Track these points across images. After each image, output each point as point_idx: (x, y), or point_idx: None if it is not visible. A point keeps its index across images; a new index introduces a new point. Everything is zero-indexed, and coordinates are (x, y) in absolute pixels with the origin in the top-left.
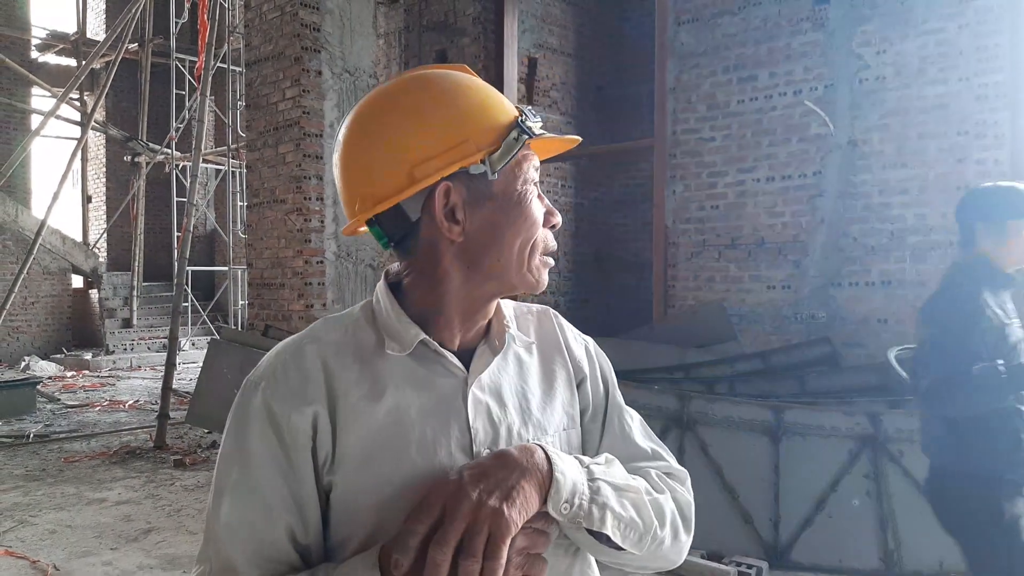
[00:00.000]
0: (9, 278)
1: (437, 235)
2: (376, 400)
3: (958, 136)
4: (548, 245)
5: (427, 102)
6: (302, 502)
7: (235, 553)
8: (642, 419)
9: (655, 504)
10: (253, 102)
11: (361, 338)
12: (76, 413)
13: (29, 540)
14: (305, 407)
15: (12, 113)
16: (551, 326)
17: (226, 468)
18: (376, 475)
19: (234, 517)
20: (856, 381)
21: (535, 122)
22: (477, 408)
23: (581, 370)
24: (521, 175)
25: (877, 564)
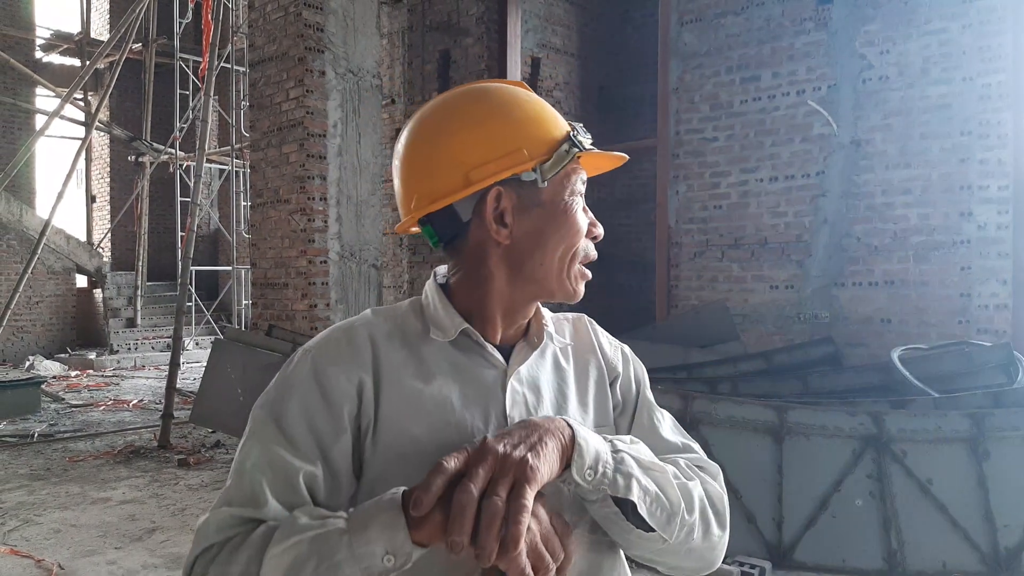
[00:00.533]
0: (14, 278)
1: (485, 237)
2: (419, 380)
3: (961, 136)
4: (588, 255)
5: (485, 111)
6: (329, 460)
7: (261, 487)
8: (674, 419)
9: (683, 488)
10: (257, 102)
11: (408, 326)
12: (80, 412)
13: (34, 539)
14: (353, 373)
15: (16, 113)
16: (586, 330)
17: (262, 419)
18: (413, 448)
19: (262, 460)
20: (859, 381)
21: (585, 137)
22: (515, 399)
23: (615, 369)
24: (569, 186)
25: (880, 564)
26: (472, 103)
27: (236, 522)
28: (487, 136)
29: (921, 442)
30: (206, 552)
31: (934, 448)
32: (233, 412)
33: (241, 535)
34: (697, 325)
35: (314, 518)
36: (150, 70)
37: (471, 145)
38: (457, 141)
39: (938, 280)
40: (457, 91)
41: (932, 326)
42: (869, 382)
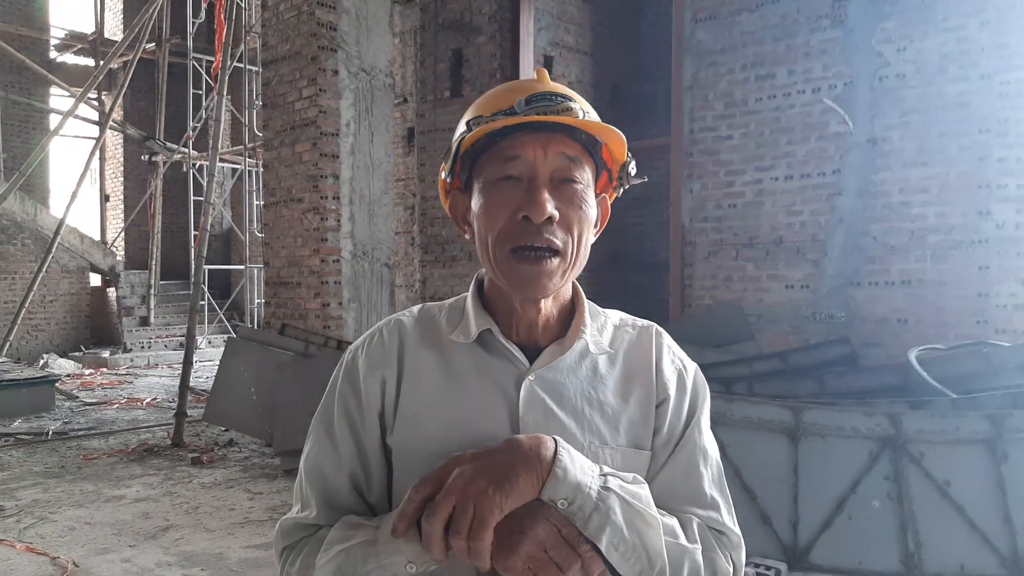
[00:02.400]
0: (28, 276)
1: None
2: (440, 380)
3: (979, 134)
4: (518, 237)
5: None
6: (367, 457)
7: (311, 494)
8: (720, 468)
9: (673, 547)
10: (270, 101)
11: (442, 323)
12: (94, 411)
13: (49, 536)
14: (377, 372)
15: (31, 113)
16: (648, 343)
17: (317, 416)
18: (427, 440)
19: (312, 460)
20: (876, 382)
21: (504, 118)
22: (531, 400)
23: (665, 391)
24: (487, 171)
25: (898, 566)
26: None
27: (298, 528)
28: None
29: (939, 443)
30: (284, 552)
31: (952, 449)
32: (246, 410)
33: (304, 540)
34: (711, 325)
35: (351, 527)
36: (163, 70)
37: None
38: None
39: (956, 280)
40: None
41: (949, 326)
42: (886, 383)
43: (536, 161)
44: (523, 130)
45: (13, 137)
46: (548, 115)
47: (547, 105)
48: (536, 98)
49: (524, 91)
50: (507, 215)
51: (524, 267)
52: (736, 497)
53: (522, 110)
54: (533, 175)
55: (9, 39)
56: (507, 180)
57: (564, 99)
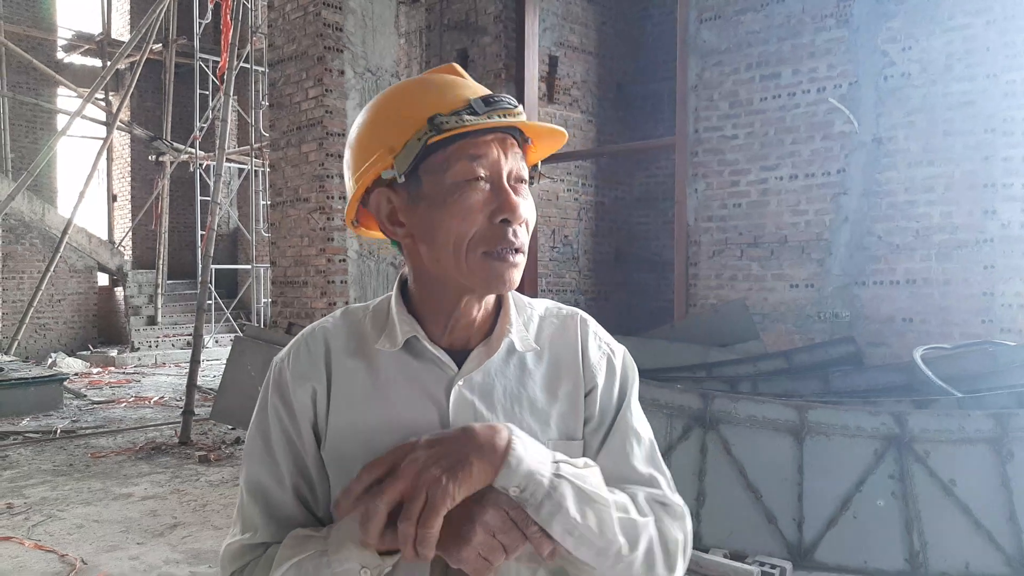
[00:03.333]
0: (36, 276)
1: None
2: (368, 389)
3: (985, 133)
4: (497, 239)
5: (368, 115)
6: (306, 469)
7: (255, 513)
8: (654, 444)
9: (627, 523)
10: (276, 101)
11: (367, 330)
12: (102, 409)
13: (57, 534)
14: (306, 383)
15: (39, 113)
16: (573, 332)
17: (252, 435)
18: (357, 451)
19: (253, 479)
20: (881, 381)
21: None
22: (461, 405)
23: (593, 378)
24: (450, 172)
25: (903, 565)
26: (364, 111)
27: (244, 550)
28: (362, 142)
29: (944, 442)
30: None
31: (957, 448)
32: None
33: (254, 561)
34: (716, 324)
35: (300, 541)
36: (170, 70)
37: (354, 154)
38: (350, 152)
39: (961, 279)
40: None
41: (955, 325)
42: (891, 382)
43: (500, 163)
44: (485, 132)
45: (21, 137)
46: (507, 119)
47: (506, 108)
48: (494, 99)
49: (467, 88)
50: (482, 218)
51: (497, 265)
52: (740, 496)
53: (483, 111)
54: (498, 176)
55: (17, 40)
56: (475, 181)
57: (514, 102)
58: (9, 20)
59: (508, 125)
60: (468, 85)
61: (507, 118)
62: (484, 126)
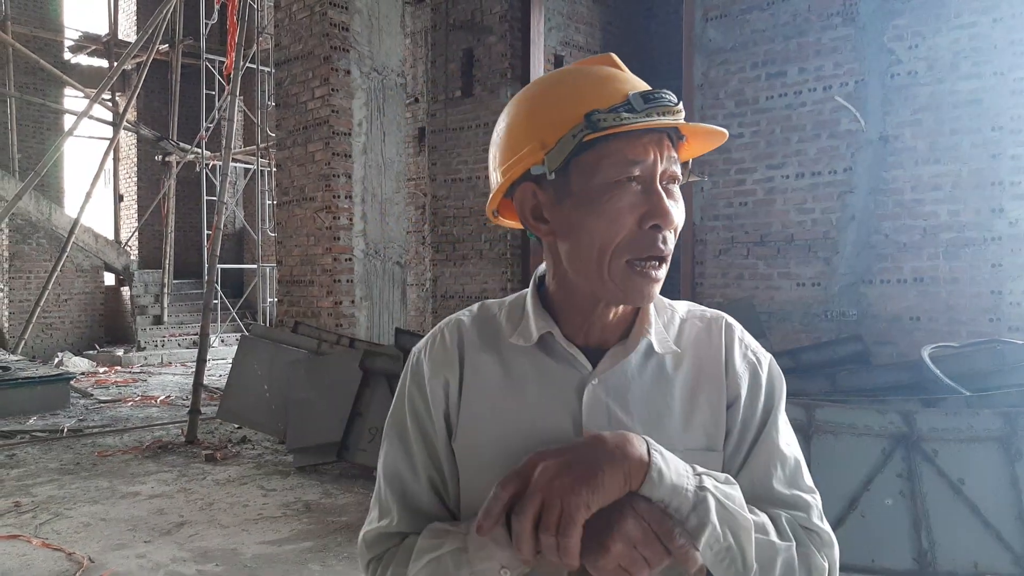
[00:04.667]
0: (43, 276)
1: (541, 234)
2: (500, 384)
3: (992, 131)
4: (644, 248)
5: (521, 105)
6: (439, 459)
7: (391, 500)
8: (799, 464)
9: (765, 545)
10: (283, 101)
11: (501, 324)
12: (109, 408)
13: (65, 532)
14: (441, 374)
15: (45, 113)
16: (717, 337)
17: (389, 423)
18: (488, 445)
19: (389, 466)
20: (889, 379)
21: (629, 116)
22: (594, 406)
23: (736, 388)
24: (602, 171)
25: (911, 564)
26: (515, 102)
27: (382, 538)
28: (513, 132)
29: (952, 441)
30: (371, 564)
31: (966, 447)
32: (259, 408)
33: (391, 551)
34: None
35: (439, 535)
36: (177, 70)
37: (504, 145)
38: (499, 141)
39: (969, 277)
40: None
41: (962, 324)
42: (899, 380)
43: (654, 163)
44: (643, 131)
45: (28, 137)
46: (667, 117)
47: (665, 106)
48: (653, 96)
49: (625, 83)
50: (632, 222)
51: (638, 280)
52: None
53: (641, 108)
54: (652, 178)
55: (24, 40)
56: (627, 182)
57: (675, 99)
58: (17, 21)
59: (668, 125)
60: (627, 79)
61: (666, 116)
62: (643, 126)
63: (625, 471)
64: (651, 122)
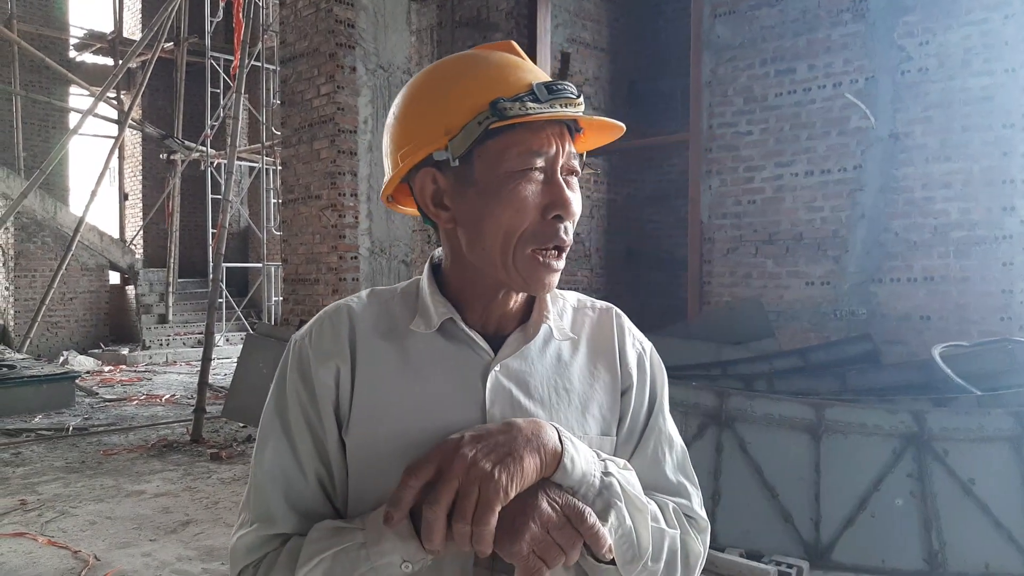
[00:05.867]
0: (48, 274)
1: (439, 221)
2: (397, 372)
3: (1004, 128)
4: (547, 237)
5: (420, 88)
6: (326, 454)
7: (273, 501)
8: (685, 452)
9: (657, 532)
10: (288, 99)
11: (396, 312)
12: (114, 407)
13: (70, 530)
14: (329, 362)
15: (51, 112)
16: (609, 326)
17: (268, 418)
18: (387, 434)
19: (270, 463)
20: (898, 379)
21: (534, 106)
22: (497, 392)
23: (629, 377)
24: (506, 160)
25: (921, 565)
26: (414, 86)
27: (262, 542)
28: (411, 116)
29: (963, 441)
30: (243, 573)
31: (976, 447)
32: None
33: (271, 555)
34: (731, 322)
35: (332, 533)
36: (182, 69)
37: (402, 129)
38: (397, 125)
39: (979, 276)
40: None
41: (973, 323)
42: (909, 380)
43: (556, 155)
44: (545, 121)
45: (33, 136)
46: (569, 109)
47: (568, 98)
48: (557, 87)
49: (527, 72)
50: (535, 212)
51: (542, 269)
52: (757, 494)
53: (545, 99)
54: (553, 169)
55: (29, 39)
56: (530, 172)
57: (576, 91)
58: (22, 19)
59: (570, 117)
60: (528, 68)
61: (569, 108)
62: (548, 116)
63: (541, 457)
64: (555, 113)
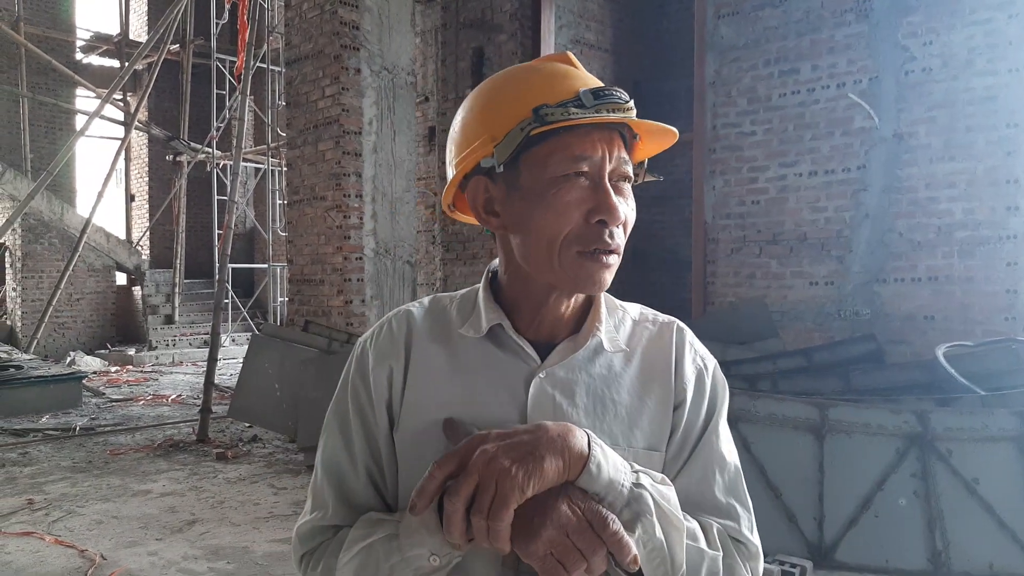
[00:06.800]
0: (55, 275)
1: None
2: (447, 374)
3: (1008, 128)
4: (592, 239)
5: (475, 100)
6: (378, 450)
7: (327, 492)
8: (739, 474)
9: (695, 551)
10: (293, 100)
11: (452, 316)
12: (120, 407)
13: (77, 530)
14: (386, 362)
15: (57, 113)
16: (668, 340)
17: (330, 414)
18: (432, 433)
19: (328, 456)
20: (902, 379)
21: (577, 111)
22: (540, 399)
23: (683, 392)
24: (550, 166)
25: (925, 565)
26: (471, 98)
27: (315, 532)
28: (466, 126)
29: (967, 440)
30: (303, 559)
31: (981, 447)
32: (270, 407)
33: (325, 543)
34: (735, 321)
35: (372, 523)
36: (187, 70)
37: (458, 139)
38: (454, 136)
39: (983, 276)
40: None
41: (977, 323)
42: (913, 380)
43: (603, 160)
44: (591, 127)
45: (40, 138)
46: (616, 114)
47: (616, 103)
48: (604, 93)
49: (577, 79)
50: (578, 216)
51: (590, 265)
52: (761, 495)
53: (591, 104)
54: (600, 174)
55: (36, 41)
56: (574, 177)
57: (626, 95)
58: (29, 22)
59: (616, 121)
60: (579, 76)
61: (616, 113)
62: (591, 121)
63: (564, 460)
64: (598, 117)
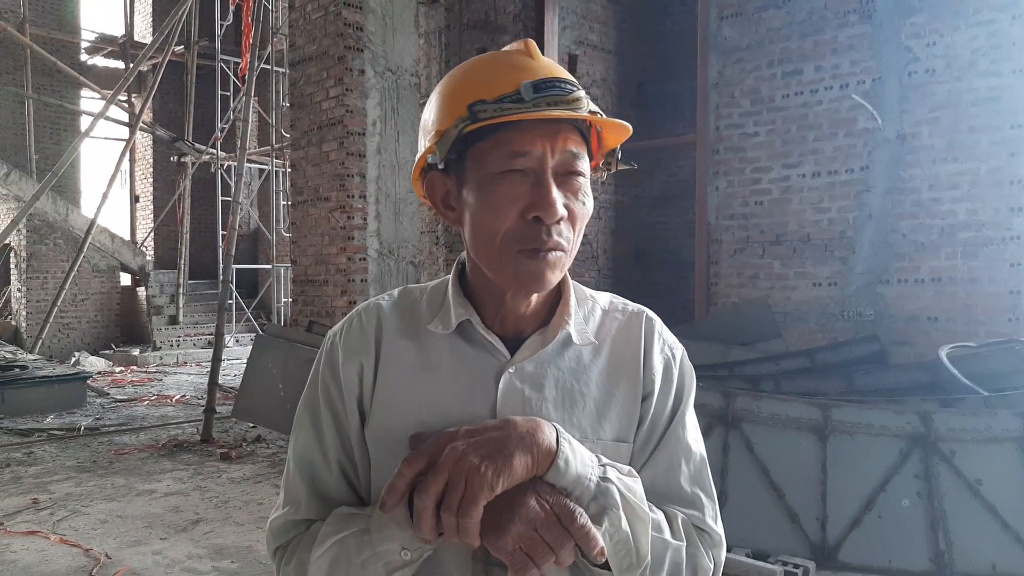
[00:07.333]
0: (60, 276)
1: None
2: (416, 370)
3: (1011, 129)
4: (527, 239)
5: (433, 95)
6: (350, 445)
7: (299, 486)
8: (704, 463)
9: (659, 542)
10: (297, 101)
11: (422, 310)
12: (125, 407)
13: (82, 529)
14: (356, 358)
15: (62, 114)
16: (637, 330)
17: (301, 409)
18: (400, 430)
19: (300, 450)
20: (905, 380)
21: (513, 106)
22: (510, 394)
23: (651, 383)
24: (490, 162)
25: (928, 565)
26: (432, 95)
27: (288, 526)
28: (424, 122)
29: (970, 441)
30: (277, 553)
31: (983, 448)
32: (274, 407)
33: (297, 537)
34: (738, 322)
35: (344, 518)
36: (192, 72)
37: (421, 133)
38: (420, 130)
39: (987, 277)
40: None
41: (980, 324)
42: (916, 381)
43: (544, 156)
44: (532, 121)
45: (45, 139)
46: (559, 108)
47: (558, 95)
48: (545, 85)
49: (525, 71)
50: (515, 213)
51: (530, 263)
52: (763, 495)
53: (530, 98)
54: (541, 170)
55: (41, 42)
56: (512, 173)
57: (572, 87)
58: (34, 23)
59: (555, 117)
60: (528, 66)
61: (559, 107)
62: (523, 117)
63: (533, 456)
64: (534, 113)
